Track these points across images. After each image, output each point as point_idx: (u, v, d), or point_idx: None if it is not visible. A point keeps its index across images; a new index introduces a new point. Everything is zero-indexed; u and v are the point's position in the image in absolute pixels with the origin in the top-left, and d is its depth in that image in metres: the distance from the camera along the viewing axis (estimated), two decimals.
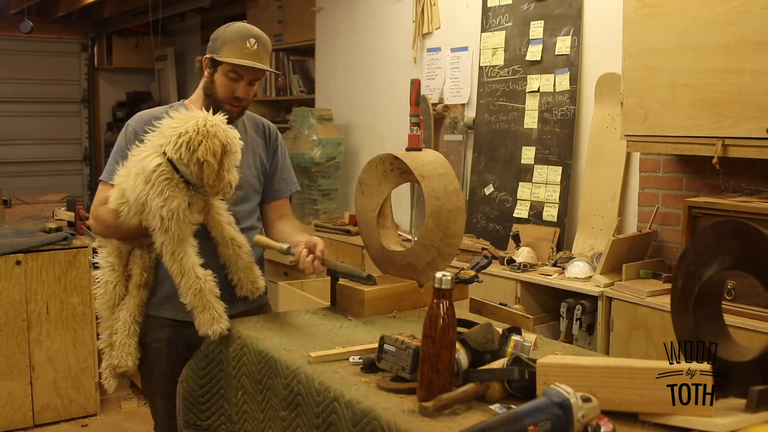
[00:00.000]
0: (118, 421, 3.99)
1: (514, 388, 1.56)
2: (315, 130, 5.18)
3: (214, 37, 2.25)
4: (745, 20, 2.60)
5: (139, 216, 2.04)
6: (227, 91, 2.23)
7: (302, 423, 1.76)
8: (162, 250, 2.04)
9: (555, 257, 3.58)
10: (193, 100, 2.35)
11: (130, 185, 2.02)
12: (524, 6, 4.01)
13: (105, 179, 2.24)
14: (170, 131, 1.98)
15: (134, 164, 2.04)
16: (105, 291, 2.21)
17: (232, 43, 2.19)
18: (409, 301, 2.33)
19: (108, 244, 2.22)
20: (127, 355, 2.20)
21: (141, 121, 2.25)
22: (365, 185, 2.45)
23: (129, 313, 2.21)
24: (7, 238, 3.80)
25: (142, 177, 1.98)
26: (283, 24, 6.19)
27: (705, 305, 1.61)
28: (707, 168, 3.07)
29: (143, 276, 2.23)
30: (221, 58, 2.19)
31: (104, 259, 2.22)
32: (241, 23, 2.29)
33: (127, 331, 2.21)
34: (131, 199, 2.02)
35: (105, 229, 2.20)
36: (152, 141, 2.04)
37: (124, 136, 2.25)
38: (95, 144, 9.01)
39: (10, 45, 8.09)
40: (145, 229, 2.07)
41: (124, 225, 2.09)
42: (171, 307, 2.24)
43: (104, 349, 2.26)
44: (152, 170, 1.97)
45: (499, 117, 4.14)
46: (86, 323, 3.93)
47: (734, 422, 1.35)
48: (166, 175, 1.98)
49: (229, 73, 2.21)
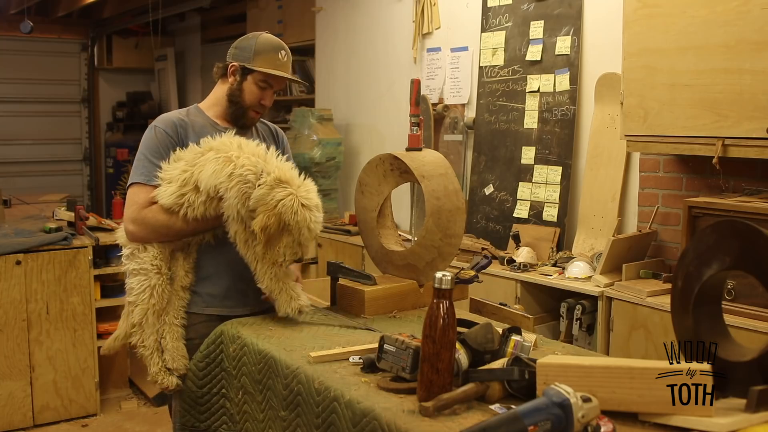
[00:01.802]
0: (118, 421, 3.99)
1: (514, 388, 1.56)
2: (315, 130, 5.18)
3: (241, 45, 2.32)
4: (745, 20, 2.60)
5: (206, 205, 2.07)
6: (255, 98, 2.32)
7: (302, 423, 1.76)
8: (236, 239, 2.10)
9: (555, 257, 3.58)
10: (209, 104, 2.38)
11: (208, 172, 2.04)
12: (524, 6, 4.01)
13: (142, 181, 2.20)
14: (268, 163, 2.06)
15: (195, 159, 2.09)
16: (152, 295, 2.17)
17: (266, 54, 2.30)
18: (409, 301, 2.33)
19: (152, 247, 2.18)
20: (181, 357, 2.20)
21: (169, 123, 2.25)
22: (365, 185, 2.45)
23: (175, 316, 2.21)
24: (7, 238, 3.80)
25: (227, 169, 2.02)
26: (283, 24, 6.19)
27: (705, 305, 1.61)
28: (707, 168, 3.07)
29: (188, 277, 2.25)
30: (255, 67, 2.28)
31: (150, 262, 2.17)
32: (267, 35, 2.37)
33: (175, 334, 2.21)
34: (205, 186, 2.04)
35: (151, 232, 2.16)
36: (221, 144, 2.10)
37: (155, 138, 2.23)
38: (95, 144, 9.01)
39: (10, 45, 8.09)
40: (196, 228, 2.14)
41: (179, 222, 2.11)
42: (219, 303, 2.29)
43: (148, 354, 2.21)
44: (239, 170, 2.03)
45: (499, 117, 4.14)
46: (86, 323, 3.93)
47: (734, 422, 1.35)
48: (247, 177, 2.04)
49: (260, 82, 2.31)
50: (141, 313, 2.19)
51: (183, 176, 2.10)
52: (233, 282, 2.30)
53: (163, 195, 2.12)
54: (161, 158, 2.19)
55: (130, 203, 2.20)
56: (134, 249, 2.20)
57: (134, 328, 2.22)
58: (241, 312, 2.30)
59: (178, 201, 2.10)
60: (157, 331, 2.21)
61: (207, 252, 2.27)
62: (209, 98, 2.40)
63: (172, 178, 2.12)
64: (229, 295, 2.30)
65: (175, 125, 2.24)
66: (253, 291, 2.26)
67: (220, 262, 2.27)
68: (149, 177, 2.18)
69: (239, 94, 2.31)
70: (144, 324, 2.20)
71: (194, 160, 2.11)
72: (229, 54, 2.36)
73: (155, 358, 2.22)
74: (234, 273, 2.28)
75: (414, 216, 4.31)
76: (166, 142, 2.21)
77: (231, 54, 2.35)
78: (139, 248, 2.19)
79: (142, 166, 2.21)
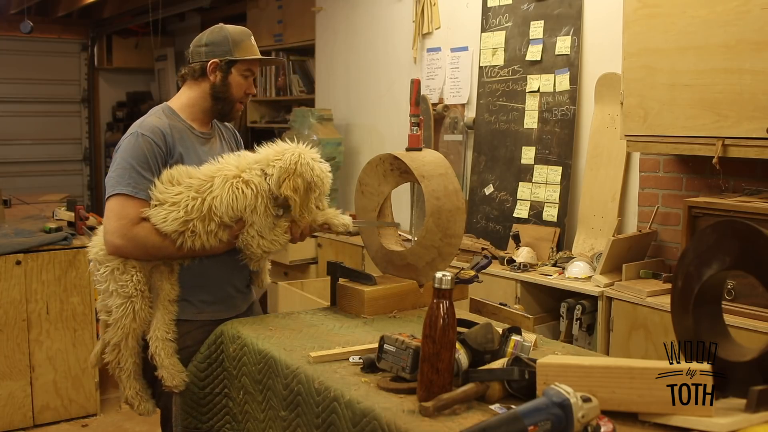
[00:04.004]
0: (118, 421, 3.99)
1: (514, 388, 1.56)
2: (315, 130, 5.18)
3: (214, 41, 2.25)
4: (745, 20, 2.60)
5: (209, 235, 2.06)
6: (241, 90, 2.29)
7: (302, 423, 1.76)
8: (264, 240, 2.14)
9: (555, 257, 3.58)
10: (181, 105, 2.28)
11: (230, 198, 2.03)
12: (524, 6, 4.01)
13: (129, 193, 2.07)
14: (264, 158, 2.10)
15: (202, 186, 2.06)
16: (134, 319, 2.09)
17: (242, 42, 2.26)
18: (409, 301, 2.33)
19: (133, 269, 2.09)
20: (179, 373, 2.14)
21: (156, 132, 2.14)
22: (365, 185, 2.45)
23: (166, 331, 2.14)
24: (7, 238, 3.79)
25: (248, 191, 2.04)
26: (283, 24, 6.19)
27: (705, 305, 1.61)
28: (707, 168, 3.07)
29: (175, 290, 2.18)
30: (240, 57, 2.25)
31: (134, 287, 2.08)
32: (230, 25, 2.31)
33: (169, 350, 2.13)
34: (225, 212, 2.04)
35: (139, 250, 2.07)
36: (227, 162, 2.11)
37: (143, 148, 2.11)
38: (95, 144, 9.01)
39: (10, 45, 8.09)
40: (184, 255, 2.13)
41: (171, 247, 2.07)
42: (210, 308, 2.27)
43: (125, 377, 2.16)
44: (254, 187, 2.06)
45: (499, 117, 4.14)
46: (86, 323, 3.93)
47: (734, 422, 1.35)
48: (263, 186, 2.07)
49: (245, 71, 2.27)
50: (121, 336, 2.11)
51: (190, 203, 2.03)
52: (221, 287, 2.29)
53: (166, 219, 2.04)
54: (150, 170, 2.09)
55: (117, 215, 2.06)
56: (114, 268, 2.09)
57: (110, 346, 2.15)
58: (229, 315, 2.30)
59: (179, 228, 2.05)
60: (137, 354, 2.15)
61: (192, 261, 2.21)
62: (181, 99, 2.29)
63: (174, 201, 2.05)
64: (218, 300, 2.29)
65: (163, 134, 2.14)
66: (241, 294, 2.37)
67: (209, 269, 2.23)
68: (137, 189, 2.07)
69: (226, 89, 2.25)
70: (122, 346, 2.13)
71: (202, 187, 2.05)
72: (199, 53, 2.25)
73: (132, 381, 2.17)
74: (221, 278, 2.27)
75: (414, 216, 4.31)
76: (155, 154, 2.11)
77: (203, 52, 2.25)
78: (119, 268, 2.08)
79: (129, 176, 2.07)
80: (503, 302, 2.48)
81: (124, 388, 2.20)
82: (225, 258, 2.21)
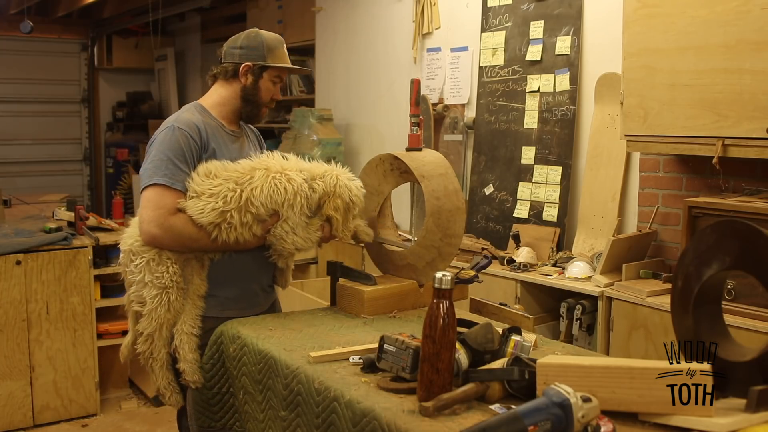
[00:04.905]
0: (118, 421, 3.99)
1: (514, 388, 1.56)
2: (315, 130, 5.18)
3: (249, 45, 2.31)
4: (745, 20, 2.60)
5: (244, 227, 2.10)
6: (269, 94, 2.36)
7: (302, 423, 1.76)
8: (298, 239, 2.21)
9: (555, 257, 3.58)
10: (213, 103, 2.35)
11: (267, 190, 2.09)
12: (524, 6, 4.01)
13: (167, 183, 2.11)
14: (309, 170, 2.22)
15: (242, 178, 2.12)
16: (169, 310, 2.13)
17: (276, 50, 2.34)
18: (409, 301, 2.33)
19: (169, 261, 2.12)
20: (200, 368, 2.16)
21: (192, 126, 2.20)
22: (365, 185, 2.44)
23: (192, 326, 2.17)
24: (7, 238, 3.80)
25: (290, 186, 2.12)
26: (283, 24, 6.19)
27: (705, 305, 1.61)
28: (707, 168, 3.07)
29: (204, 285, 2.22)
30: (273, 63, 2.32)
31: (170, 278, 2.12)
32: (265, 31, 2.38)
33: (192, 344, 2.16)
34: (263, 203, 2.10)
35: (175, 241, 2.11)
36: (266, 160, 2.19)
37: (180, 141, 2.15)
38: (95, 144, 9.01)
39: (10, 45, 8.09)
40: (217, 249, 2.17)
41: (206, 239, 2.12)
42: (234, 305, 2.30)
43: (158, 368, 2.19)
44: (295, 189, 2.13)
45: (499, 117, 4.14)
46: (86, 323, 3.93)
47: (734, 422, 1.35)
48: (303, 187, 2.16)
49: (274, 78, 2.35)
50: (155, 326, 2.14)
51: (228, 194, 2.08)
52: (248, 284, 2.32)
53: (203, 210, 2.08)
54: (185, 163, 2.14)
55: (154, 205, 2.09)
56: (149, 259, 2.12)
57: (143, 337, 2.17)
58: (251, 312, 2.32)
59: (216, 219, 2.08)
60: (169, 344, 2.18)
61: (222, 256, 2.25)
62: (212, 97, 2.36)
63: (213, 192, 2.08)
64: (243, 297, 2.32)
65: (198, 129, 2.20)
66: (264, 292, 2.39)
67: (237, 263, 2.27)
68: (173, 180, 2.12)
69: (256, 93, 2.32)
70: (156, 337, 2.16)
71: (241, 179, 2.11)
72: (233, 54, 2.31)
73: (164, 371, 2.20)
74: (248, 275, 2.31)
75: (414, 216, 4.31)
76: (191, 147, 2.16)
77: (237, 54, 2.30)
78: (154, 259, 2.12)
79: (166, 167, 2.12)
80: (503, 302, 2.48)
81: (156, 379, 2.22)
82: (254, 254, 2.25)
